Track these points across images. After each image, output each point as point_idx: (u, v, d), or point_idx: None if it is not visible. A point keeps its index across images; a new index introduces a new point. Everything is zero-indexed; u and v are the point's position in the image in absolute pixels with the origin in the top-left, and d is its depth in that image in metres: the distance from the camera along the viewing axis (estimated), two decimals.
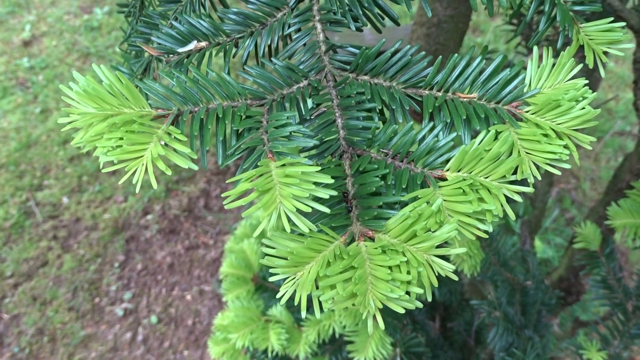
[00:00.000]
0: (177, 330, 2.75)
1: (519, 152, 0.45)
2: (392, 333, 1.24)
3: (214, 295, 2.87)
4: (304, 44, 0.56)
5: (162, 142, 0.43)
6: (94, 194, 3.15)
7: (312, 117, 0.51)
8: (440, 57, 0.50)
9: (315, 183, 0.42)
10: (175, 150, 0.44)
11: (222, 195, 0.45)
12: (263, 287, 1.48)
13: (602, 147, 3.62)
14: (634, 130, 3.56)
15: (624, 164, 1.27)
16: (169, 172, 0.41)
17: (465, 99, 0.49)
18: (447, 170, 0.46)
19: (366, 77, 0.53)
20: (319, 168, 0.41)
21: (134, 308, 2.79)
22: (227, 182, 0.42)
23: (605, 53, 0.54)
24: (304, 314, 1.27)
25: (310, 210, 0.40)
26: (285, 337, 1.32)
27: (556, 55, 0.50)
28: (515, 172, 0.45)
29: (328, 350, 1.44)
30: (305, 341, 1.32)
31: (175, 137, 0.43)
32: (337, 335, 1.30)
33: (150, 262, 2.96)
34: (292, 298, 1.28)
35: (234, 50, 0.56)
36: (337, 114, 0.51)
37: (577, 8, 0.55)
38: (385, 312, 1.25)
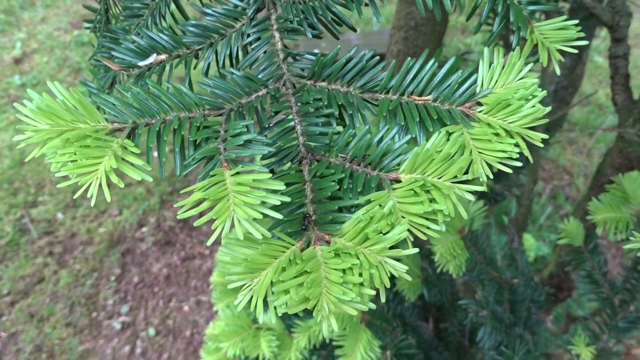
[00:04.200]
0: (175, 341, 2.75)
1: (470, 151, 0.46)
2: (381, 336, 1.24)
3: (211, 305, 2.87)
4: (265, 52, 0.56)
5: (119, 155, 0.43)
6: (89, 209, 3.15)
7: (271, 125, 0.52)
8: (394, 61, 0.50)
9: (273, 190, 0.43)
10: (132, 163, 0.45)
11: (175, 205, 0.45)
12: None
13: (594, 143, 3.63)
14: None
15: (606, 159, 1.27)
16: (121, 185, 0.41)
17: (420, 102, 0.50)
18: (402, 172, 0.46)
19: (324, 84, 0.53)
20: (270, 175, 0.42)
21: (131, 321, 2.79)
22: (181, 192, 0.42)
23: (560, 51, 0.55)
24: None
25: (261, 217, 0.41)
26: (276, 344, 1.32)
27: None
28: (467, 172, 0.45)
29: (322, 356, 1.44)
30: (296, 347, 1.32)
31: (129, 150, 0.44)
32: (327, 341, 1.30)
33: (147, 274, 2.96)
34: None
35: (194, 61, 0.56)
36: (296, 121, 0.52)
37: (531, 8, 0.56)
38: (375, 315, 1.25)
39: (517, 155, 0.45)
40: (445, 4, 0.49)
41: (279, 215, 0.42)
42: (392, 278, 1.21)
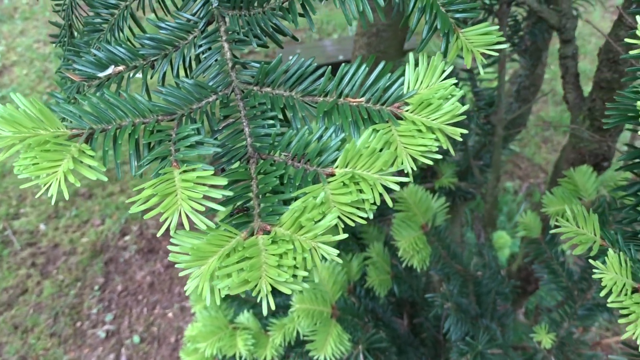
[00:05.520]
0: (160, 348, 2.77)
1: (396, 147, 0.51)
2: (352, 331, 1.29)
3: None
4: (216, 60, 0.61)
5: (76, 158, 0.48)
6: (71, 219, 3.17)
7: (221, 128, 0.57)
8: (330, 67, 0.56)
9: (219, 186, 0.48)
10: (89, 165, 0.49)
11: (126, 202, 0.50)
12: (231, 296, 1.53)
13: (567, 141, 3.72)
14: None
15: (562, 155, 1.34)
16: (78, 184, 0.46)
17: (354, 103, 0.55)
18: (336, 167, 0.51)
19: (269, 89, 0.58)
20: (212, 172, 0.47)
21: (116, 329, 2.81)
22: (134, 189, 0.47)
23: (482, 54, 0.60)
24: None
25: (203, 209, 0.45)
26: (252, 342, 1.37)
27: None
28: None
29: (298, 353, 1.49)
30: (271, 345, 1.37)
31: (86, 154, 0.48)
32: (301, 337, 1.35)
33: (130, 282, 2.98)
34: (260, 305, 1.33)
35: (150, 71, 0.61)
36: (244, 124, 0.57)
37: (458, 15, 0.62)
38: (345, 310, 1.30)
39: (437, 149, 0.51)
40: (368, 15, 0.55)
41: (221, 208, 0.47)
42: (362, 275, 1.26)
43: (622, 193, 0.67)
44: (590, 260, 0.58)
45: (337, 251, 0.47)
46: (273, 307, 0.45)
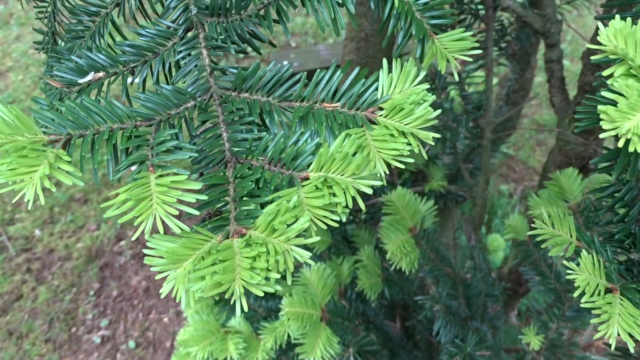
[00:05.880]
0: (155, 353, 2.77)
1: (370, 151, 0.52)
2: (342, 334, 1.29)
3: None
4: (195, 66, 0.62)
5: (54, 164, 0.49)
6: (66, 224, 3.17)
7: (199, 134, 0.58)
8: (305, 73, 0.57)
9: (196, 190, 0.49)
10: (67, 171, 0.50)
11: (101, 206, 0.51)
12: (222, 300, 1.53)
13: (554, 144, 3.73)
14: None
15: (549, 158, 1.35)
16: (53, 189, 0.47)
17: (330, 108, 0.56)
18: (311, 171, 0.52)
19: (247, 95, 0.59)
20: (186, 177, 0.48)
21: (111, 335, 2.81)
22: (109, 194, 0.48)
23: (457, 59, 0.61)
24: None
25: (177, 213, 0.46)
26: (243, 346, 1.37)
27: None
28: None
29: (290, 357, 1.49)
30: (263, 349, 1.37)
31: (63, 159, 0.49)
32: (292, 340, 1.35)
33: (126, 287, 2.99)
34: (252, 309, 1.32)
35: (130, 77, 0.62)
36: (223, 129, 0.58)
37: (433, 22, 0.63)
38: (335, 314, 1.31)
39: (409, 153, 0.51)
40: (340, 22, 0.56)
41: (195, 212, 0.48)
42: (354, 278, 1.26)
43: (599, 195, 0.68)
44: (564, 262, 0.59)
45: (310, 253, 0.48)
46: (246, 309, 0.46)
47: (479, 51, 0.62)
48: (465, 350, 1.21)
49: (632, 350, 0.58)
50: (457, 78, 0.60)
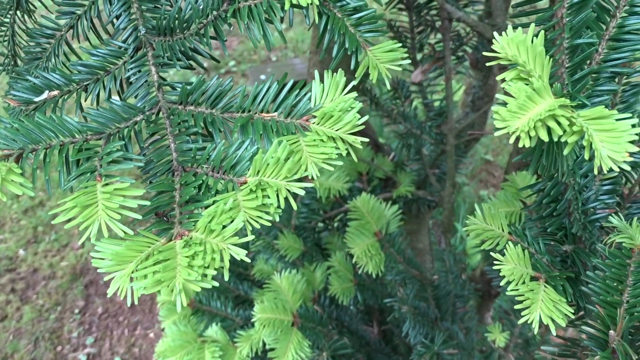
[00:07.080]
0: None
1: (302, 156, 0.56)
2: (315, 339, 1.32)
3: None
4: (145, 81, 0.67)
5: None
6: (50, 243, 3.18)
7: (147, 145, 0.62)
8: (245, 86, 0.61)
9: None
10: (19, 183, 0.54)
11: (49, 213, 0.54)
12: (200, 311, 1.56)
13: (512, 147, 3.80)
14: None
15: (509, 161, 1.40)
16: (4, 199, 0.50)
17: (267, 117, 0.61)
18: (249, 176, 0.56)
19: (192, 107, 0.64)
20: (129, 184, 0.52)
21: (97, 352, 2.82)
22: (58, 202, 0.52)
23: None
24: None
25: (119, 217, 0.50)
26: (220, 354, 1.40)
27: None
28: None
29: None
30: (239, 356, 1.40)
31: (14, 172, 0.53)
32: (267, 347, 1.38)
33: (111, 304, 2.99)
34: (229, 318, 1.35)
35: (84, 94, 0.66)
36: (170, 140, 0.62)
37: (367, 35, 0.67)
38: (307, 318, 1.34)
39: (337, 156, 0.56)
40: (270, 39, 0.60)
41: (138, 216, 0.52)
42: (327, 285, 1.29)
43: (530, 191, 0.73)
44: (491, 253, 0.63)
45: (245, 251, 0.52)
46: (185, 304, 0.50)
47: (407, 61, 0.66)
48: (432, 350, 1.24)
49: (554, 333, 0.62)
50: (388, 86, 0.65)
